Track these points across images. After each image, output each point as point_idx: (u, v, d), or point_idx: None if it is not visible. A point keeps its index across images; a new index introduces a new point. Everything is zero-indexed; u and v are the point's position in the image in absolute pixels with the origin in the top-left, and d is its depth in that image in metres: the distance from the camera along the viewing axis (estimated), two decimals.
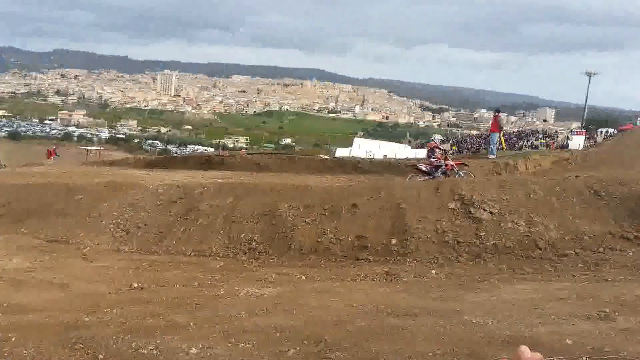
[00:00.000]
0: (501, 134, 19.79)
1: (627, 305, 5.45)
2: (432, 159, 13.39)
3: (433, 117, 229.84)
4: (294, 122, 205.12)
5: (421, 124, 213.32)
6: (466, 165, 13.55)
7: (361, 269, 7.57)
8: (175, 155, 41.53)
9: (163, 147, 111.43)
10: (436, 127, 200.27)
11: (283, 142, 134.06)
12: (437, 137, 16.03)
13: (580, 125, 63.82)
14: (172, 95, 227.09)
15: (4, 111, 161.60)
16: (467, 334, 4.68)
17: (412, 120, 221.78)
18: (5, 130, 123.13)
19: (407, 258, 7.93)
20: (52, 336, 5.05)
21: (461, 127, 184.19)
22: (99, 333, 5.10)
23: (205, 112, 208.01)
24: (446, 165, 13.02)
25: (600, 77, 64.56)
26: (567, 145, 34.41)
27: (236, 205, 9.72)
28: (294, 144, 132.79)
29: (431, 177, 12.41)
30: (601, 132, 43.23)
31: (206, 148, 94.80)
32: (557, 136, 51.24)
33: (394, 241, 8.24)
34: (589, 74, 62.06)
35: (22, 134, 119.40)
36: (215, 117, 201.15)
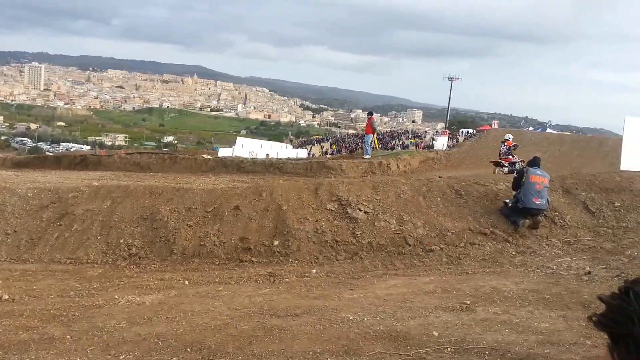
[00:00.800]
0: (375, 135, 20.98)
1: (485, 297, 6.17)
2: (510, 156, 16.75)
3: (313, 116, 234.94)
4: (176, 119, 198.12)
5: (302, 123, 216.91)
6: (523, 161, 15.45)
7: (244, 271, 7.69)
8: (47, 154, 38.15)
9: (34, 144, 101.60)
10: (316, 126, 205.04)
11: (165, 141, 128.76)
12: (511, 137, 18.47)
13: (444, 126, 69.37)
14: (42, 89, 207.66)
15: None
16: (344, 331, 5.00)
17: (293, 119, 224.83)
18: None
19: (289, 259, 8.19)
20: None
21: (340, 127, 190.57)
22: None
23: (79, 107, 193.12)
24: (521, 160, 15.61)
25: (461, 81, 70.79)
26: (433, 145, 37.24)
27: (114, 209, 9.31)
28: (176, 142, 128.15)
29: (508, 171, 14.91)
30: (462, 132, 47.14)
31: (81, 146, 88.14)
32: (425, 136, 55.15)
33: (276, 242, 8.46)
34: (451, 79, 67.75)
35: None
36: (91, 113, 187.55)
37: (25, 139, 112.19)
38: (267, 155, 25.74)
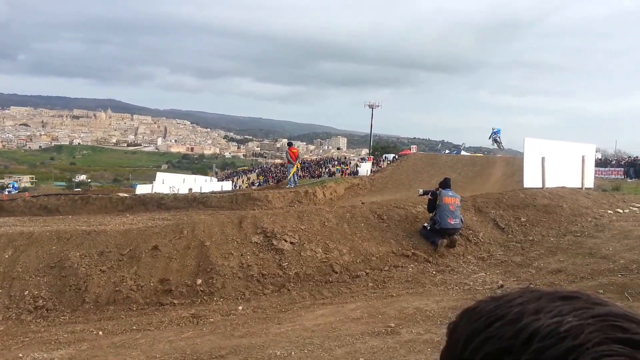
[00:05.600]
0: (296, 165, 21.11)
1: (409, 318, 6.26)
2: None
3: (238, 147, 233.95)
4: (88, 156, 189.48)
5: (227, 154, 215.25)
6: None
7: (165, 315, 7.30)
8: None
9: None
10: (242, 157, 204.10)
11: (77, 180, 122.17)
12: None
13: (368, 152, 71.34)
14: None
15: None
16: None
17: (217, 151, 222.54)
18: None
19: (214, 297, 7.89)
20: None
21: (266, 157, 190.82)
22: None
23: None
24: None
25: (381, 108, 73.68)
26: (358, 172, 38.01)
27: (17, 259, 8.56)
28: (89, 181, 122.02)
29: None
30: (385, 157, 48.66)
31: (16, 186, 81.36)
32: (350, 163, 56.32)
33: (199, 281, 8.13)
34: (371, 106, 70.25)
35: None
36: None
37: None
38: (190, 189, 25.04)
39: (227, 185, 34.35)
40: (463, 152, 50.26)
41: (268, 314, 7.15)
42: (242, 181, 58.86)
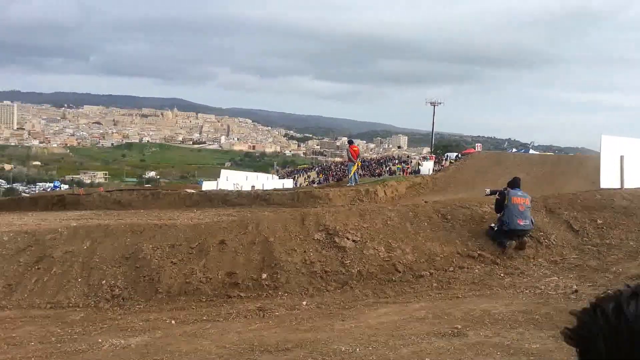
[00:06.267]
0: (357, 163, 21.04)
1: (476, 320, 6.12)
2: None
3: (298, 145, 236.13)
4: (157, 154, 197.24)
5: (287, 152, 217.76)
6: None
7: (233, 307, 7.53)
8: (23, 195, 37.53)
9: (8, 186, 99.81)
10: (302, 155, 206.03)
11: (147, 176, 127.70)
12: None
13: (430, 150, 70.14)
14: (15, 128, 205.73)
15: None
16: None
17: (278, 149, 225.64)
18: None
19: (279, 291, 8.05)
20: None
21: (325, 155, 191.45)
22: None
23: (55, 146, 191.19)
24: None
25: (443, 106, 72.07)
26: (419, 170, 37.44)
27: (95, 250, 9.09)
28: (158, 177, 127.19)
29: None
30: (447, 156, 47.62)
31: (60, 185, 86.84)
32: (411, 161, 55.59)
33: (264, 275, 8.32)
34: (433, 104, 68.91)
35: None
36: (67, 151, 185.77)
37: (0, 180, 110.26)
38: (253, 187, 25.62)
39: (289, 183, 34.82)
40: (532, 151, 48.42)
41: (332, 310, 7.21)
42: (304, 179, 59.39)
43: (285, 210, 12.27)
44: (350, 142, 21.62)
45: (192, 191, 18.04)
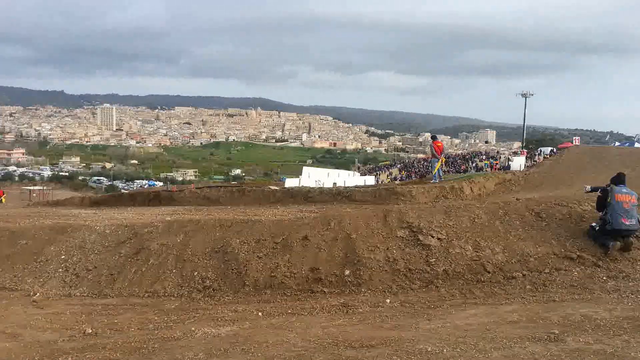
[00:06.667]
0: (441, 159, 20.44)
1: (575, 326, 5.74)
2: None
3: (379, 142, 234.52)
4: (242, 152, 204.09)
5: (368, 149, 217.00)
6: None
7: (317, 302, 7.61)
8: (122, 192, 40.32)
9: (109, 183, 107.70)
10: (384, 152, 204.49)
11: (233, 173, 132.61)
12: None
13: (521, 145, 66.74)
14: (114, 129, 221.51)
15: None
16: None
17: (359, 146, 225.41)
18: None
19: (362, 288, 8.02)
20: None
21: (408, 152, 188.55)
22: None
23: (150, 145, 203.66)
24: None
25: (536, 98, 68.05)
26: (509, 166, 35.76)
27: (187, 243, 9.56)
28: (243, 174, 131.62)
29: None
30: (540, 151, 45.08)
31: (155, 183, 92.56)
32: (500, 157, 53.28)
33: (347, 272, 8.32)
34: (524, 95, 65.39)
35: None
36: (161, 150, 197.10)
37: (102, 178, 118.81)
38: (334, 183, 25.76)
39: (370, 180, 34.63)
40: (637, 145, 44.73)
41: (416, 309, 7.07)
42: (386, 176, 58.89)
43: (367, 207, 12.20)
44: (434, 138, 21.05)
45: (276, 188, 18.43)
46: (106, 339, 6.35)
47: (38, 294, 8.70)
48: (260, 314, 7.22)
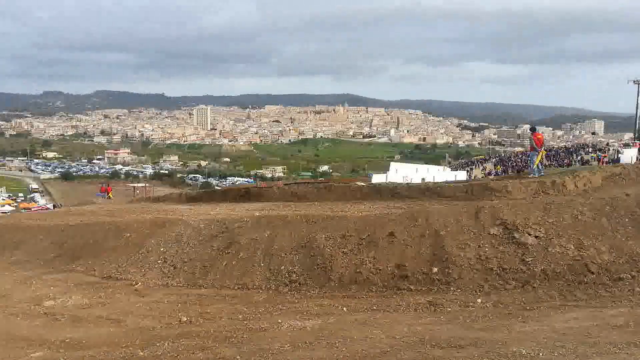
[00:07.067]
0: (541, 152, 19.25)
1: None
2: None
3: (473, 135, 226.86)
4: (329, 148, 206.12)
5: (461, 143, 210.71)
6: None
7: (403, 299, 7.45)
8: (215, 188, 42.32)
9: (204, 180, 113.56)
10: (477, 145, 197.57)
11: (320, 170, 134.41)
12: None
13: (633, 136, 61.31)
14: (209, 129, 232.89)
15: (56, 153, 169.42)
16: None
17: (450, 140, 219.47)
18: (58, 172, 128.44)
19: (450, 287, 7.75)
20: None
21: (504, 145, 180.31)
22: None
23: (242, 143, 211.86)
24: None
25: None
26: (619, 159, 33.03)
27: (274, 238, 9.77)
28: (330, 171, 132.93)
29: None
30: None
31: (246, 179, 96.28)
32: (609, 149, 49.36)
33: (435, 270, 8.07)
34: (637, 82, 59.87)
35: (74, 174, 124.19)
36: (252, 148, 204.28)
37: (197, 175, 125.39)
38: (423, 179, 25.21)
39: (462, 175, 33.54)
40: None
41: (510, 310, 6.71)
42: (480, 171, 56.74)
43: (457, 203, 11.77)
44: (533, 130, 19.81)
45: (362, 184, 18.33)
46: (199, 327, 6.66)
47: (139, 283, 9.32)
48: (345, 309, 7.21)
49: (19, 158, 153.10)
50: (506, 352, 4.96)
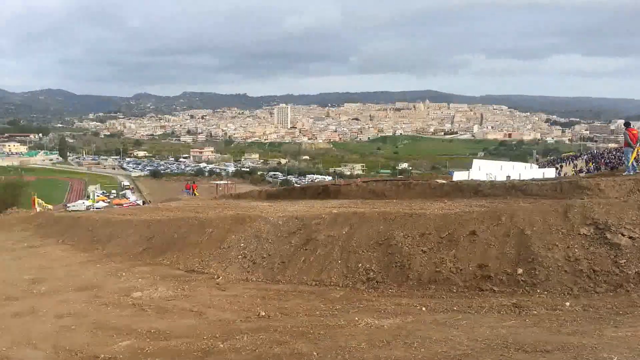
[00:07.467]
0: (637, 148, 17.88)
1: None
2: None
3: (562, 131, 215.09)
4: (409, 146, 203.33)
5: (549, 139, 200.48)
6: None
7: (485, 301, 7.22)
8: (294, 185, 43.19)
9: (284, 177, 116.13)
10: (567, 141, 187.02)
11: (399, 167, 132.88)
12: None
13: None
14: (289, 127, 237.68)
15: (146, 152, 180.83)
16: None
17: (538, 136, 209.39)
18: (148, 170, 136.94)
19: (537, 289, 7.40)
20: None
21: (596, 141, 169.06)
22: (233, 359, 5.45)
23: (321, 141, 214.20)
24: None
25: None
26: None
27: (352, 235, 9.80)
28: (410, 168, 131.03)
29: None
30: None
31: (324, 177, 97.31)
32: None
33: (520, 271, 7.74)
34: None
35: (162, 172, 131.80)
36: (331, 145, 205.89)
37: (277, 173, 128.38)
38: (508, 176, 24.25)
39: (550, 172, 31.89)
40: None
41: (601, 314, 6.31)
42: (571, 168, 53.63)
43: (544, 201, 11.22)
44: (628, 125, 18.48)
45: (443, 181, 17.92)
46: (277, 322, 6.83)
47: (220, 277, 9.72)
48: (424, 308, 7.10)
49: (112, 157, 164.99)
50: (596, 358, 4.69)
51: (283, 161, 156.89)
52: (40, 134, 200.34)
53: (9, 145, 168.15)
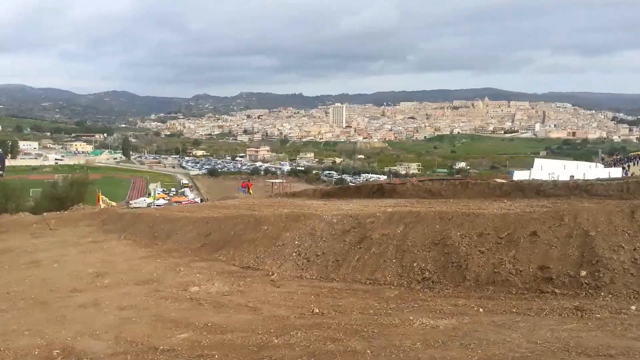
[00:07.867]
0: None
1: None
2: None
3: (630, 129, 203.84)
4: (467, 145, 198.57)
5: (616, 138, 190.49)
6: None
7: (546, 303, 6.99)
8: (349, 184, 43.24)
9: (339, 176, 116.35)
10: (635, 140, 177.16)
11: (456, 167, 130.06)
12: None
13: None
14: (344, 126, 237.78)
15: (204, 151, 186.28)
16: None
17: (604, 135, 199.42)
18: (205, 168, 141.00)
19: (601, 292, 7.10)
20: (247, 355, 5.68)
21: None
22: (287, 355, 5.60)
23: (376, 140, 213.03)
24: None
25: None
26: None
27: (407, 234, 9.73)
28: (468, 168, 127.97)
29: None
30: None
31: (379, 176, 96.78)
32: None
33: (583, 273, 7.45)
34: None
35: (219, 170, 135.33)
36: (386, 145, 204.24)
37: (332, 172, 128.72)
38: (572, 176, 23.31)
39: (616, 172, 30.36)
40: None
41: None
42: (639, 168, 50.75)
43: (610, 202, 10.72)
44: None
45: (503, 181, 17.44)
46: (331, 319, 6.89)
47: (275, 274, 9.90)
48: (481, 310, 6.96)
49: (172, 156, 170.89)
50: None
51: (338, 160, 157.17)
52: (105, 134, 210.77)
53: (75, 145, 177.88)
